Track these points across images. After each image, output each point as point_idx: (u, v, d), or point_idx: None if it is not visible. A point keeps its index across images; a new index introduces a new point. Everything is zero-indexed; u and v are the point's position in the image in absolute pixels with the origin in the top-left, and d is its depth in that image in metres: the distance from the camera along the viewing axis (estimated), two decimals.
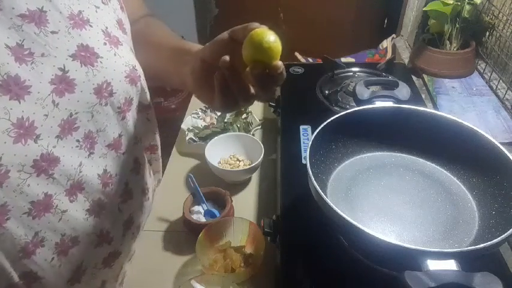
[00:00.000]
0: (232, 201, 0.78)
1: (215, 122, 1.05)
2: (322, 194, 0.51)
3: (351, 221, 0.47)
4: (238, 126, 1.01)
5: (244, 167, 0.87)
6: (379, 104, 0.69)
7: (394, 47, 1.43)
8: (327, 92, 0.97)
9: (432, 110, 0.67)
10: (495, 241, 0.45)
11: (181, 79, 0.53)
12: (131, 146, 0.57)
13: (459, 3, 1.03)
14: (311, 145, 0.59)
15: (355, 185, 0.65)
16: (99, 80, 0.48)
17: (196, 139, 0.98)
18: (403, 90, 0.74)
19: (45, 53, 0.44)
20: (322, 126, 0.62)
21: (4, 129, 0.40)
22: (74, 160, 0.47)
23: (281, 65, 0.43)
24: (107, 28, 0.51)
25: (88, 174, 0.50)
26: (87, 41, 0.48)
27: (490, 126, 0.90)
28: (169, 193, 0.87)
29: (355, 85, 0.75)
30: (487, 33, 1.12)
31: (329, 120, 0.63)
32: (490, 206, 0.59)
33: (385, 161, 0.70)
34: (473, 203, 0.62)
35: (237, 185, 0.89)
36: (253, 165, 0.85)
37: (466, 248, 0.46)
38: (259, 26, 0.43)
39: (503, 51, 1.03)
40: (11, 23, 0.41)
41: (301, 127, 0.85)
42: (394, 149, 0.71)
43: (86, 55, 0.47)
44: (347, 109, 0.66)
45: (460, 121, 0.63)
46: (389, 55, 1.40)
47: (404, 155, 0.71)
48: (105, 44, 0.50)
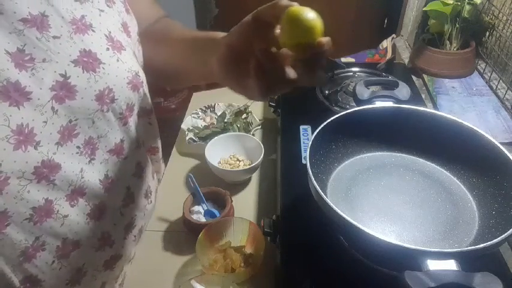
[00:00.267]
0: (232, 201, 0.78)
1: (215, 122, 1.05)
2: (322, 194, 0.51)
3: (351, 221, 0.47)
4: (238, 126, 1.01)
5: (244, 167, 0.87)
6: (379, 104, 0.69)
7: (394, 47, 1.43)
8: (327, 92, 0.97)
9: (432, 110, 0.67)
10: (495, 241, 0.45)
11: (208, 69, 0.50)
12: (133, 151, 0.57)
13: (459, 3, 1.03)
14: (311, 145, 0.59)
15: (355, 185, 0.65)
16: (101, 87, 0.47)
17: (196, 139, 0.98)
18: (403, 90, 0.74)
19: (47, 58, 0.43)
20: (322, 126, 0.62)
21: (3, 136, 0.39)
22: (75, 166, 0.47)
23: (327, 40, 0.39)
24: (110, 33, 0.50)
25: (90, 179, 0.49)
26: (90, 46, 0.47)
27: (490, 126, 0.90)
28: (169, 193, 0.87)
29: (355, 85, 0.75)
30: (487, 33, 1.12)
31: (329, 120, 0.63)
32: (490, 206, 0.59)
33: (385, 161, 0.70)
34: (473, 203, 0.62)
35: (237, 185, 0.89)
36: (253, 165, 0.85)
37: (466, 248, 0.46)
38: (289, 3, 0.39)
39: (503, 51, 1.03)
40: (12, 27, 0.41)
41: (301, 127, 0.85)
42: (394, 149, 0.71)
43: (88, 61, 0.46)
44: (347, 109, 0.66)
45: (460, 121, 0.63)
46: (389, 55, 1.40)
47: (404, 155, 0.71)
48: (108, 50, 0.49)
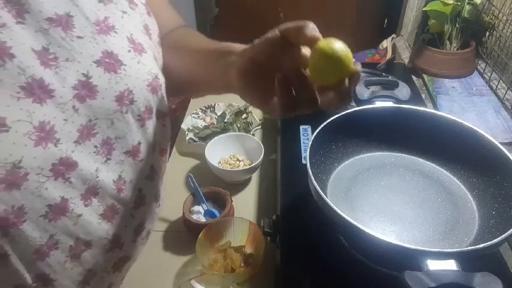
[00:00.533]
0: (232, 201, 0.78)
1: (215, 122, 1.05)
2: (322, 194, 0.51)
3: (351, 221, 0.47)
4: (238, 126, 1.01)
5: (244, 167, 0.87)
6: (379, 104, 0.69)
7: (394, 47, 1.43)
8: None
9: (432, 110, 0.67)
10: (495, 241, 0.45)
11: (225, 81, 0.50)
12: (148, 153, 0.57)
13: (459, 3, 1.03)
14: (311, 145, 0.59)
15: (355, 185, 0.65)
16: (121, 88, 0.48)
17: (196, 139, 0.98)
18: (403, 90, 0.74)
19: (70, 57, 0.44)
20: (322, 126, 0.63)
21: (26, 131, 0.40)
22: (91, 165, 0.47)
23: (359, 69, 0.40)
24: (131, 35, 0.51)
25: (104, 179, 0.50)
26: (112, 47, 0.47)
27: (490, 126, 0.90)
28: (169, 193, 0.86)
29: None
30: (487, 33, 1.12)
31: (329, 120, 0.63)
32: (490, 206, 0.59)
33: (385, 161, 0.70)
34: (473, 203, 0.62)
35: (237, 185, 0.89)
36: (253, 165, 0.85)
37: (466, 248, 0.46)
38: (315, 30, 0.39)
39: (503, 51, 1.03)
40: (38, 26, 0.41)
41: (301, 127, 0.85)
42: (394, 149, 0.71)
43: (109, 62, 0.47)
44: (347, 109, 0.66)
45: (460, 121, 0.63)
46: (389, 55, 1.40)
47: (404, 155, 0.71)
48: (129, 52, 0.49)
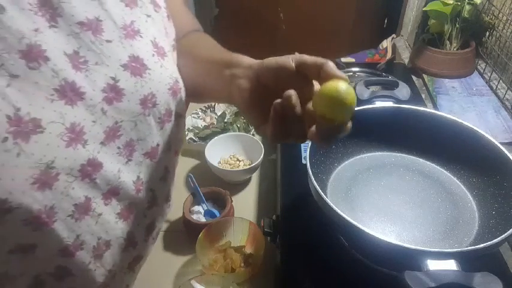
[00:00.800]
0: (232, 201, 0.78)
1: (215, 122, 1.05)
2: (322, 194, 0.51)
3: (351, 221, 0.47)
4: (238, 126, 1.01)
5: (244, 167, 0.87)
6: (379, 104, 0.69)
7: (394, 47, 1.43)
8: None
9: (432, 110, 0.67)
10: (495, 241, 0.45)
11: (228, 92, 0.51)
12: (164, 155, 0.58)
13: (459, 3, 1.03)
14: (311, 145, 0.59)
15: (355, 185, 0.65)
16: (146, 91, 0.49)
17: (196, 139, 0.98)
18: (403, 90, 0.74)
19: (99, 61, 0.45)
20: None
21: (59, 133, 0.41)
22: (114, 166, 0.48)
23: (349, 128, 0.42)
24: (155, 38, 0.52)
25: (125, 180, 0.51)
26: (138, 51, 0.48)
27: (490, 126, 0.90)
28: None
29: (355, 85, 0.75)
30: (487, 33, 1.12)
31: None
32: (490, 206, 0.59)
33: (385, 161, 0.70)
34: (473, 203, 0.62)
35: (237, 185, 0.89)
36: (253, 165, 0.85)
37: (466, 248, 0.46)
38: (334, 70, 0.41)
39: (503, 51, 1.03)
40: (69, 30, 0.42)
41: None
42: (394, 149, 0.71)
43: (136, 66, 0.48)
44: None
45: (460, 121, 0.63)
46: (389, 55, 1.40)
47: (404, 155, 0.71)
48: (153, 56, 0.51)
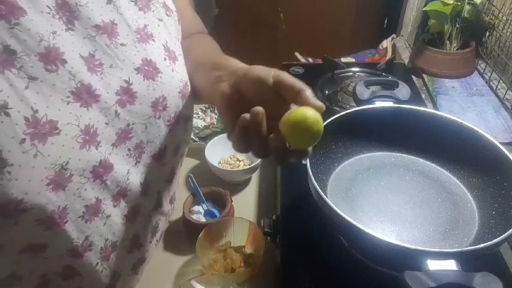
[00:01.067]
0: (232, 201, 0.78)
1: (215, 122, 1.05)
2: (322, 194, 0.51)
3: (351, 221, 0.47)
4: None
5: (244, 167, 0.87)
6: (379, 104, 0.69)
7: (394, 47, 1.43)
8: (327, 92, 0.97)
9: (432, 110, 0.67)
10: (495, 241, 0.45)
11: (211, 94, 0.50)
12: (171, 157, 0.58)
13: (459, 3, 1.03)
14: None
15: (355, 185, 0.65)
16: (157, 95, 0.50)
17: (196, 139, 0.98)
18: (403, 90, 0.74)
19: (113, 64, 0.45)
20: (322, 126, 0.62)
21: (73, 134, 0.41)
22: (124, 168, 0.49)
23: (310, 154, 0.42)
24: (167, 42, 0.53)
25: (133, 182, 0.51)
26: (151, 55, 0.49)
27: (490, 126, 0.90)
28: None
29: (355, 85, 0.75)
30: (487, 33, 1.12)
31: (329, 120, 0.63)
32: (490, 206, 0.59)
33: (385, 161, 0.70)
34: (473, 203, 0.62)
35: (237, 185, 0.89)
36: (253, 165, 0.85)
37: (466, 248, 0.46)
38: (310, 98, 0.40)
39: (503, 51, 1.03)
40: (86, 33, 0.43)
41: None
42: (394, 149, 0.71)
43: (148, 69, 0.49)
44: (347, 109, 0.66)
45: (460, 121, 0.63)
46: (389, 55, 1.40)
47: (404, 155, 0.71)
48: (165, 60, 0.51)
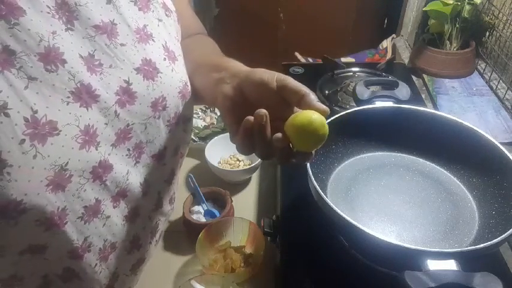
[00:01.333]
0: (232, 201, 0.78)
1: (215, 122, 1.05)
2: (322, 194, 0.51)
3: (351, 221, 0.47)
4: None
5: (244, 167, 0.87)
6: (379, 104, 0.69)
7: (394, 47, 1.43)
8: (327, 92, 0.97)
9: (432, 110, 0.67)
10: (495, 241, 0.45)
11: (212, 96, 0.50)
12: (171, 157, 0.58)
13: (459, 3, 1.03)
14: None
15: (355, 185, 0.65)
16: (157, 95, 0.49)
17: (196, 139, 0.98)
18: (403, 90, 0.74)
19: (113, 64, 0.45)
20: None
21: (73, 135, 0.41)
22: (123, 168, 0.49)
23: (312, 157, 0.42)
24: (166, 43, 0.52)
25: (133, 182, 0.51)
26: (150, 55, 0.49)
27: (490, 126, 0.90)
28: None
29: (355, 85, 0.75)
30: (487, 33, 1.12)
31: (329, 120, 0.63)
32: (490, 206, 0.59)
33: (385, 161, 0.70)
34: (473, 203, 0.62)
35: (237, 185, 0.89)
36: (253, 165, 0.85)
37: (466, 248, 0.46)
38: (314, 102, 0.40)
39: (503, 51, 1.03)
40: (85, 33, 0.43)
41: None
42: (394, 149, 0.71)
43: (148, 69, 0.48)
44: (347, 109, 0.66)
45: (460, 121, 0.63)
46: (389, 55, 1.40)
47: (404, 155, 0.71)
48: (164, 60, 0.51)
